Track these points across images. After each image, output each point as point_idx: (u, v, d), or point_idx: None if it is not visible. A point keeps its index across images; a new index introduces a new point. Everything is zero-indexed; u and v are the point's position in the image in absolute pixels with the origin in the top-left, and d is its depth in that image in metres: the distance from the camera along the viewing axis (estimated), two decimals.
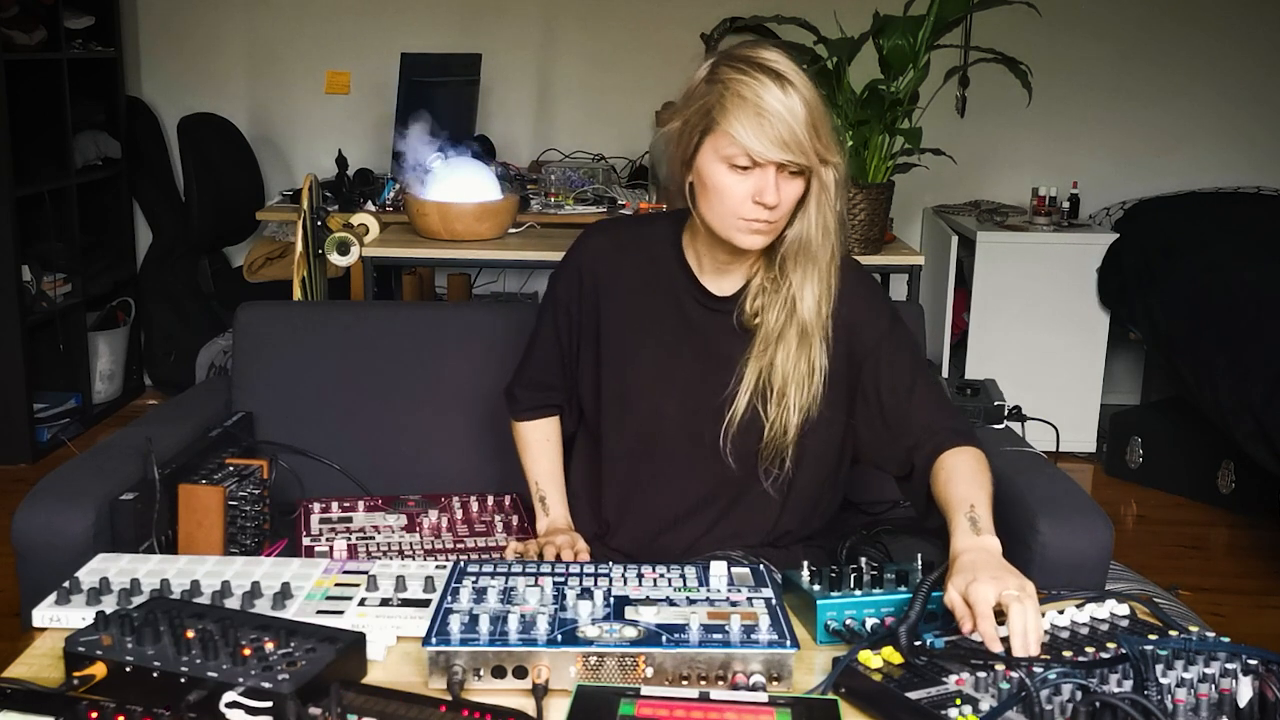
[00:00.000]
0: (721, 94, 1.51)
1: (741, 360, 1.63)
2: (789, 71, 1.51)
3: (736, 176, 1.53)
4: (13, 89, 3.89)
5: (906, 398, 1.64)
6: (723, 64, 1.54)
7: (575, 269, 1.76)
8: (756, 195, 1.52)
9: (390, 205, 3.69)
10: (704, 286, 1.68)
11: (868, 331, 1.66)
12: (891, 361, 1.66)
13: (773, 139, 1.49)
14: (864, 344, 1.66)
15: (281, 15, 4.67)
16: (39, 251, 4.11)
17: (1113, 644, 1.23)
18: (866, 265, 3.17)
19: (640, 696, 1.13)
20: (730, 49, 1.57)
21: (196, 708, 1.09)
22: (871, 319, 1.67)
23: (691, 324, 1.69)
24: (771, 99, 1.48)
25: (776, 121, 1.48)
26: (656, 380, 1.70)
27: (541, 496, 1.83)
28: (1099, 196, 4.69)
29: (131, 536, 1.69)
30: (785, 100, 1.49)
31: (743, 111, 1.49)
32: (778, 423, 1.63)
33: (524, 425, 1.87)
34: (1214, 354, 3.56)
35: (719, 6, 4.32)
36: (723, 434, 1.65)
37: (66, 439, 4.14)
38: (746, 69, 1.51)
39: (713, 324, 1.67)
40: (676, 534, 1.73)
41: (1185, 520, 3.79)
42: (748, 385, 1.63)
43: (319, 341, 2.24)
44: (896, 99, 2.90)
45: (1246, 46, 4.68)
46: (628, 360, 1.72)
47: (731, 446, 1.66)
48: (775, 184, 1.51)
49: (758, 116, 1.48)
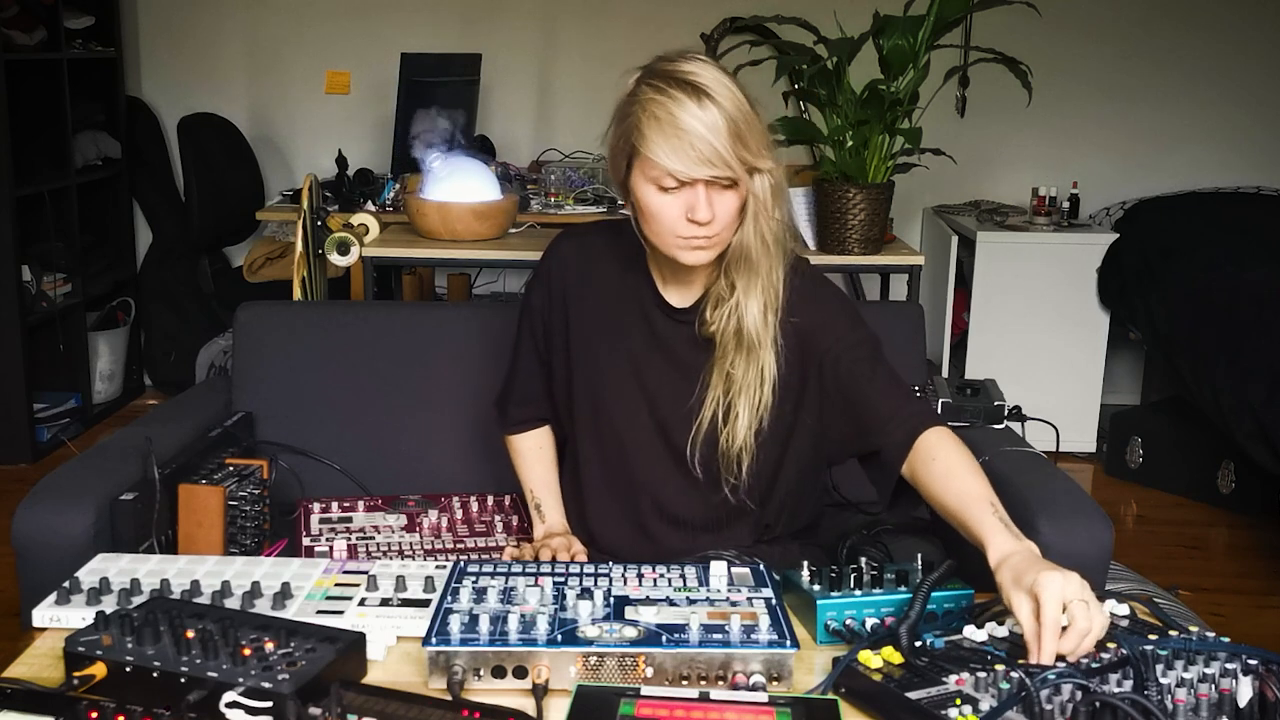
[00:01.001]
0: (639, 116, 1.49)
1: (705, 370, 1.63)
2: (709, 83, 1.47)
3: (667, 197, 1.51)
4: (13, 89, 3.90)
5: (867, 387, 1.61)
6: (643, 81, 1.51)
7: (545, 277, 1.76)
8: (689, 213, 1.50)
9: (390, 205, 3.69)
10: (663, 296, 1.68)
11: (823, 332, 1.64)
12: (849, 357, 1.63)
13: (693, 157, 1.46)
14: (819, 344, 1.64)
15: (281, 15, 4.67)
16: (39, 251, 4.11)
17: (1113, 644, 1.23)
18: (866, 265, 3.21)
19: (640, 696, 1.13)
20: (653, 63, 1.54)
21: (196, 708, 1.09)
22: (826, 320, 1.65)
23: (656, 334, 1.69)
24: (687, 116, 1.45)
25: (695, 138, 1.45)
26: (627, 389, 1.70)
27: (537, 504, 1.82)
28: (1099, 196, 4.69)
29: (131, 536, 1.69)
30: (703, 115, 1.45)
31: (660, 133, 1.46)
32: (729, 434, 1.62)
33: (516, 437, 1.87)
34: (1214, 354, 3.56)
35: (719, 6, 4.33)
36: (689, 444, 1.65)
37: (66, 439, 4.14)
38: (663, 86, 1.48)
39: (676, 334, 1.67)
40: (658, 542, 1.72)
41: (1185, 520, 3.79)
42: (713, 396, 1.62)
43: (319, 341, 2.24)
44: (896, 99, 2.90)
45: (1246, 46, 4.68)
46: (598, 369, 1.71)
47: (700, 457, 1.65)
48: (706, 199, 1.49)
49: (675, 136, 1.45)
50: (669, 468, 1.69)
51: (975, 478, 1.47)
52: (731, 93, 1.48)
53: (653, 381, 1.69)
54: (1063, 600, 1.20)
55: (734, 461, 1.63)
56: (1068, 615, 1.20)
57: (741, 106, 1.49)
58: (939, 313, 4.28)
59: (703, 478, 1.66)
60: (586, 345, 1.72)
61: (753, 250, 1.57)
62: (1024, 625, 1.22)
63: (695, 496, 1.69)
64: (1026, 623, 1.21)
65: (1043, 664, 1.18)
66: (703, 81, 1.47)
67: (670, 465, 1.69)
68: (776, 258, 1.59)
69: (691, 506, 1.70)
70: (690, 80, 1.47)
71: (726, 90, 1.48)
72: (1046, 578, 1.22)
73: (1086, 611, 1.19)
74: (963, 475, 1.48)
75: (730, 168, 1.47)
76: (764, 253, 1.57)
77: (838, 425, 1.65)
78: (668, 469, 1.69)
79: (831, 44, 2.92)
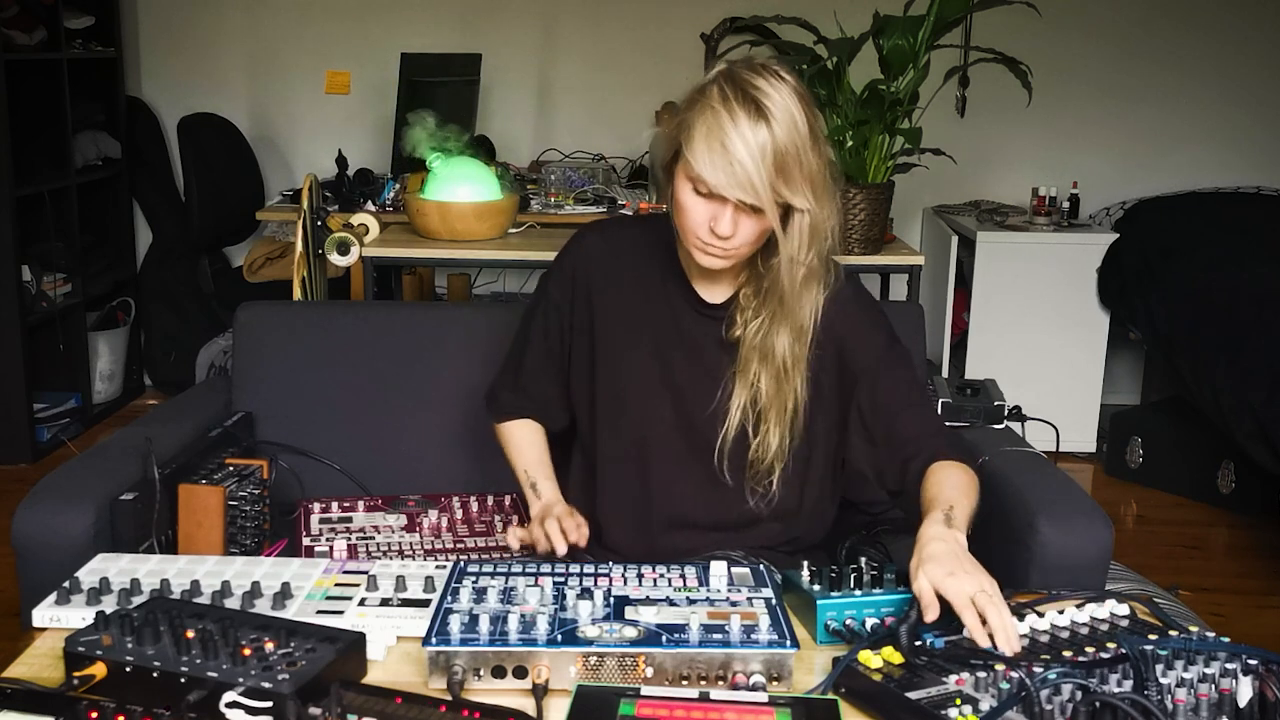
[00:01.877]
0: (697, 115, 1.47)
1: (728, 375, 1.63)
2: (775, 106, 1.44)
3: (699, 199, 1.50)
4: (13, 89, 3.90)
5: (902, 415, 1.62)
6: (718, 79, 1.49)
7: (569, 270, 1.74)
8: (712, 222, 1.50)
9: (390, 205, 3.69)
10: (695, 291, 1.67)
11: (862, 352, 1.64)
12: (887, 380, 1.64)
13: (728, 176, 1.44)
14: (858, 363, 1.64)
15: (281, 15, 4.68)
16: (39, 251, 4.11)
17: (1113, 644, 1.23)
18: (866, 265, 3.21)
19: (640, 696, 1.13)
20: (738, 63, 1.51)
21: (196, 708, 1.09)
22: (867, 338, 1.65)
23: (682, 330, 1.68)
24: (736, 135, 1.43)
25: (735, 159, 1.43)
26: (651, 384, 1.69)
27: (532, 483, 1.76)
28: (1099, 196, 4.69)
29: (131, 536, 1.69)
30: (752, 138, 1.43)
31: (706, 141, 1.45)
32: (761, 446, 1.62)
33: (507, 425, 1.84)
34: (1214, 354, 3.56)
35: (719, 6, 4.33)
36: (717, 450, 1.65)
37: (66, 439, 4.14)
38: (730, 94, 1.46)
39: (702, 331, 1.67)
40: (670, 541, 1.71)
41: (1185, 520, 3.79)
42: (737, 402, 1.62)
43: (319, 341, 2.24)
44: (896, 99, 2.90)
45: (1246, 46, 4.68)
46: (622, 362, 1.71)
47: (728, 462, 1.65)
48: (732, 217, 1.48)
49: (721, 149, 1.44)
50: (691, 465, 1.68)
51: (954, 490, 1.48)
52: (794, 121, 1.45)
53: (677, 376, 1.68)
54: (971, 598, 1.25)
55: (764, 473, 1.64)
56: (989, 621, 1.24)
57: (798, 139, 1.46)
58: (939, 313, 4.28)
59: (731, 483, 1.66)
60: (611, 337, 1.71)
61: (783, 287, 1.55)
62: (925, 612, 1.28)
63: (715, 499, 1.69)
64: (927, 612, 1.28)
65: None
66: (768, 103, 1.44)
67: (692, 463, 1.68)
68: (807, 292, 1.57)
69: (710, 509, 1.70)
70: (756, 98, 1.45)
71: (790, 117, 1.45)
72: (956, 581, 1.27)
73: (998, 610, 1.24)
74: (942, 487, 1.49)
75: (758, 197, 1.45)
76: (793, 294, 1.56)
77: (866, 443, 1.66)
78: (689, 466, 1.69)
79: (831, 44, 2.92)
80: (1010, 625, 1.24)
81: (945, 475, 1.53)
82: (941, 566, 1.30)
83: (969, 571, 1.29)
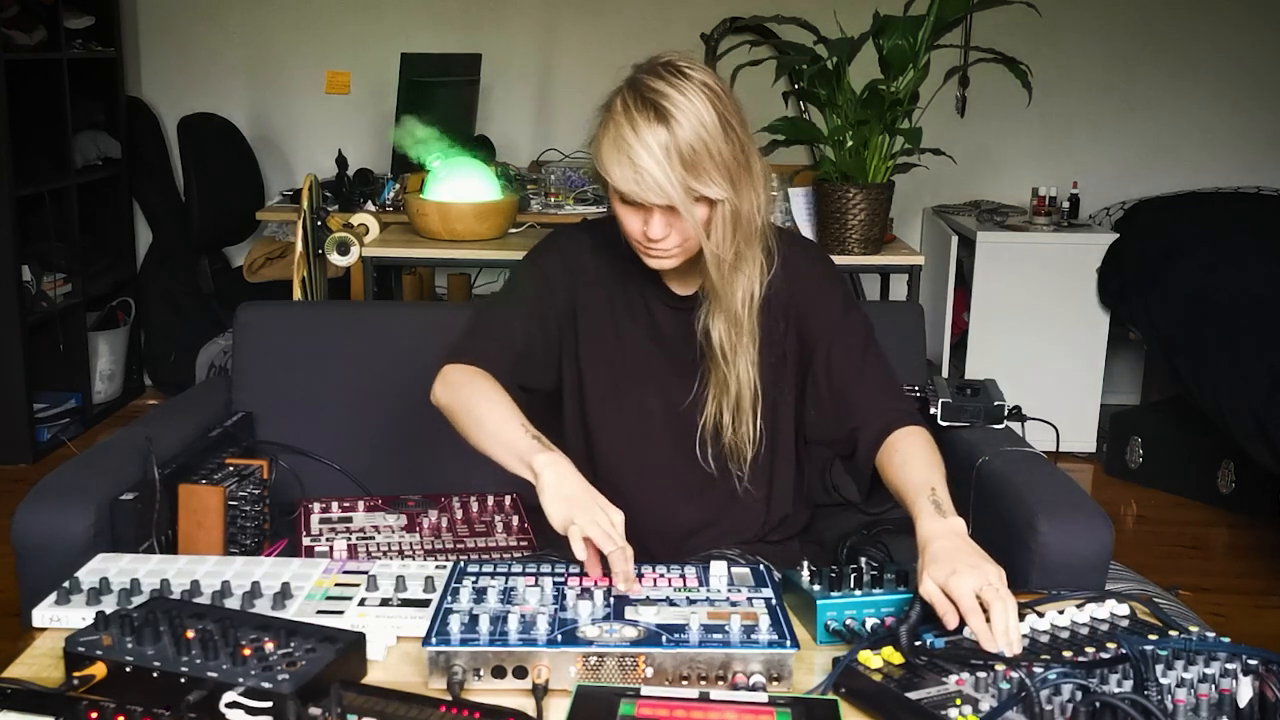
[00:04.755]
0: (603, 129, 1.49)
1: (702, 365, 1.65)
2: (674, 105, 1.44)
3: (626, 207, 1.52)
4: (13, 89, 3.90)
5: (855, 379, 1.64)
6: (621, 90, 1.50)
7: (557, 252, 1.72)
8: (645, 227, 1.52)
9: (390, 205, 3.69)
10: (667, 285, 1.69)
11: (818, 317, 1.66)
12: (841, 344, 1.65)
13: (638, 183, 1.45)
14: (814, 329, 1.66)
15: (281, 15, 4.67)
16: (39, 251, 4.11)
17: (1113, 644, 1.23)
18: (866, 265, 3.21)
19: (640, 696, 1.13)
20: (638, 70, 1.51)
21: (196, 708, 1.09)
22: (822, 304, 1.67)
23: (659, 324, 1.70)
24: (638, 141, 1.44)
25: (640, 166, 1.44)
26: (639, 376, 1.71)
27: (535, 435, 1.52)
28: (1099, 196, 4.69)
29: (131, 536, 1.69)
30: (654, 139, 1.44)
31: (614, 153, 1.47)
32: (730, 433, 1.65)
33: (472, 370, 1.61)
34: (1214, 354, 3.56)
35: (719, 6, 4.33)
36: (698, 439, 1.67)
37: (66, 439, 4.14)
38: (631, 102, 1.46)
39: (676, 324, 1.68)
40: (666, 532, 1.71)
41: (1185, 520, 3.79)
42: (713, 392, 1.64)
43: (319, 341, 2.24)
44: (896, 99, 2.90)
45: (1246, 47, 4.68)
46: (611, 356, 1.71)
47: (711, 450, 1.67)
48: (660, 219, 1.50)
49: (627, 160, 1.45)
50: (680, 456, 1.70)
51: (926, 468, 1.49)
52: (698, 115, 1.45)
53: (661, 369, 1.70)
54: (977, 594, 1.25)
55: (737, 458, 1.66)
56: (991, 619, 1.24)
57: (704, 132, 1.45)
58: (939, 313, 4.28)
59: (716, 471, 1.68)
60: (599, 330, 1.71)
61: (711, 275, 1.57)
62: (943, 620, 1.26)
63: (705, 486, 1.70)
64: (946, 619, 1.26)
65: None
66: (666, 103, 1.45)
67: (681, 453, 1.69)
68: (739, 279, 1.57)
69: (702, 496, 1.71)
70: (654, 100, 1.45)
71: (694, 112, 1.45)
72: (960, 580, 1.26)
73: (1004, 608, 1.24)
74: (912, 465, 1.50)
75: (670, 198, 1.46)
76: (725, 280, 1.57)
77: (818, 406, 1.67)
78: (679, 457, 1.70)
79: (831, 44, 2.92)
80: (1013, 625, 1.23)
81: (909, 452, 1.53)
82: (944, 567, 1.29)
83: (973, 565, 1.29)
